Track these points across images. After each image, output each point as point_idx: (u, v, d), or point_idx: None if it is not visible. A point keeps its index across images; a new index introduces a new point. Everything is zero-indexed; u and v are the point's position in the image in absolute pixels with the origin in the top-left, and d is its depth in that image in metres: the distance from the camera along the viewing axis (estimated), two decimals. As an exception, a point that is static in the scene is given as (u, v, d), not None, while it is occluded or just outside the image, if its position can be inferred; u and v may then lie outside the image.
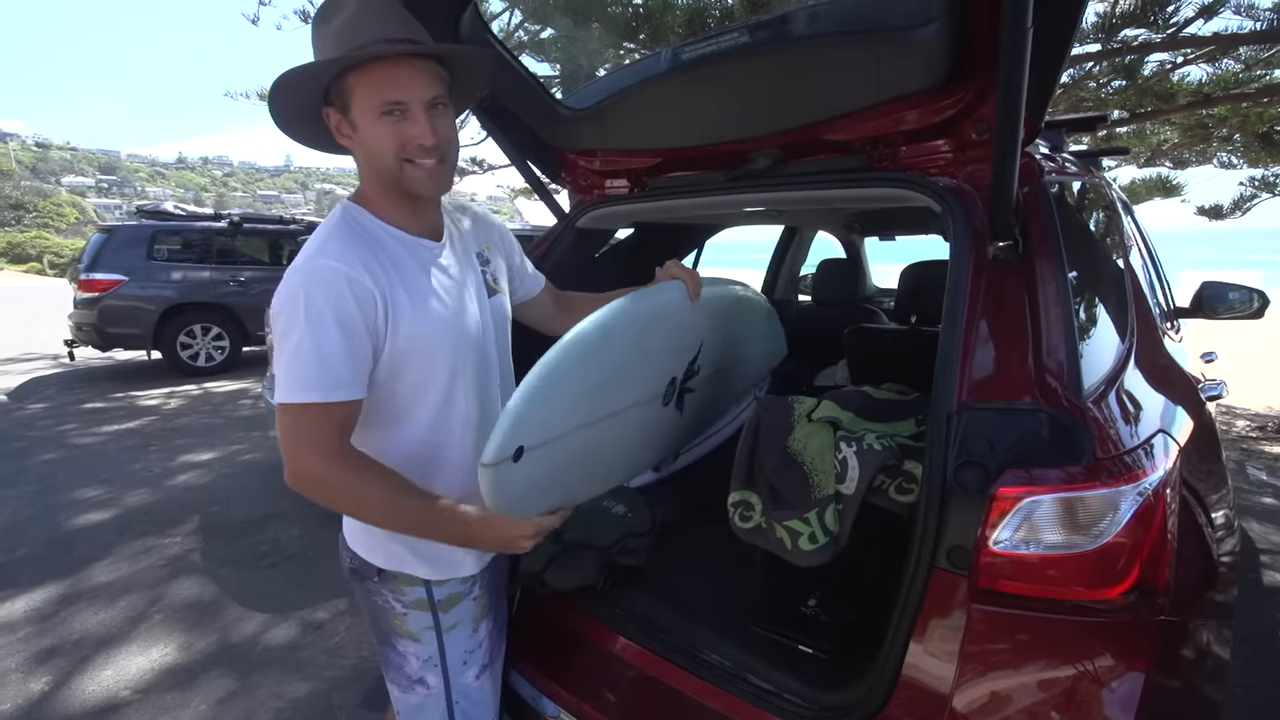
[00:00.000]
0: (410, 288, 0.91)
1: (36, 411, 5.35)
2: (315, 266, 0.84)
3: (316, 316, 0.82)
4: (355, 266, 0.85)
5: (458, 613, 1.05)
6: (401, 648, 1.05)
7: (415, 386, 0.94)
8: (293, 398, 0.83)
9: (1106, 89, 5.79)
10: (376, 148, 0.88)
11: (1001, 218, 1.00)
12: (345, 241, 0.87)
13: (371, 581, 1.03)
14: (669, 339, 1.17)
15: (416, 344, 0.91)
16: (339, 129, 0.91)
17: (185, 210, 6.95)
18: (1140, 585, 0.77)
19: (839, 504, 1.05)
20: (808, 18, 1.24)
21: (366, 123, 0.87)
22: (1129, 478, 0.77)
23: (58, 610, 2.50)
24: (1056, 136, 1.61)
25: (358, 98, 0.86)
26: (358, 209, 0.94)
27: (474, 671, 1.09)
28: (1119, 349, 1.04)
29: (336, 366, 0.83)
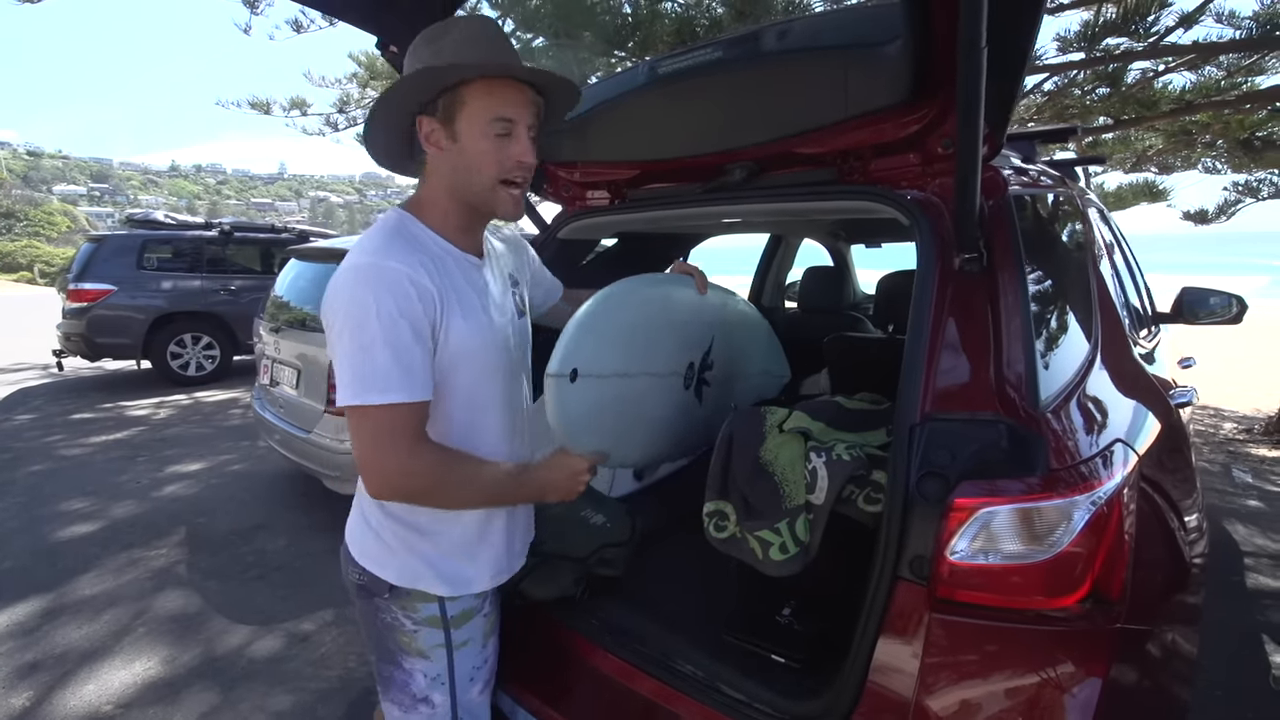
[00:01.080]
0: (461, 298, 0.93)
1: (24, 423, 5.31)
2: (382, 269, 0.84)
3: (389, 318, 0.82)
4: (418, 270, 0.86)
5: (469, 629, 1.04)
6: (408, 665, 1.03)
7: (457, 393, 0.95)
8: (373, 399, 0.82)
9: (1091, 97, 5.87)
10: (478, 161, 0.90)
11: (965, 230, 1.02)
12: (404, 247, 0.88)
13: (381, 598, 1.01)
14: (687, 321, 1.39)
15: (464, 352, 0.93)
16: (431, 137, 0.91)
17: (175, 219, 6.94)
18: (1094, 594, 0.79)
19: (809, 514, 1.06)
20: (779, 34, 1.26)
21: (473, 135, 0.89)
22: (1082, 487, 0.79)
23: (41, 624, 2.49)
24: (1028, 148, 1.64)
25: (469, 109, 0.88)
26: (411, 219, 0.94)
27: (478, 688, 1.09)
28: (1082, 358, 1.06)
29: (413, 367, 0.84)
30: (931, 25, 0.96)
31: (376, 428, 0.83)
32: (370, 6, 1.38)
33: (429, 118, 0.91)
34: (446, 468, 0.89)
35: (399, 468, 0.85)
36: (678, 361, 1.37)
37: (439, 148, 0.92)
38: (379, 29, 1.43)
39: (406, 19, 1.44)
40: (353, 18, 1.42)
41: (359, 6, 1.37)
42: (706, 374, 1.47)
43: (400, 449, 0.84)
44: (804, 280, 2.83)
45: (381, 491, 0.88)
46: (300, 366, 3.28)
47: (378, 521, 1.01)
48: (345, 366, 0.83)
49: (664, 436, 1.37)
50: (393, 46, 1.47)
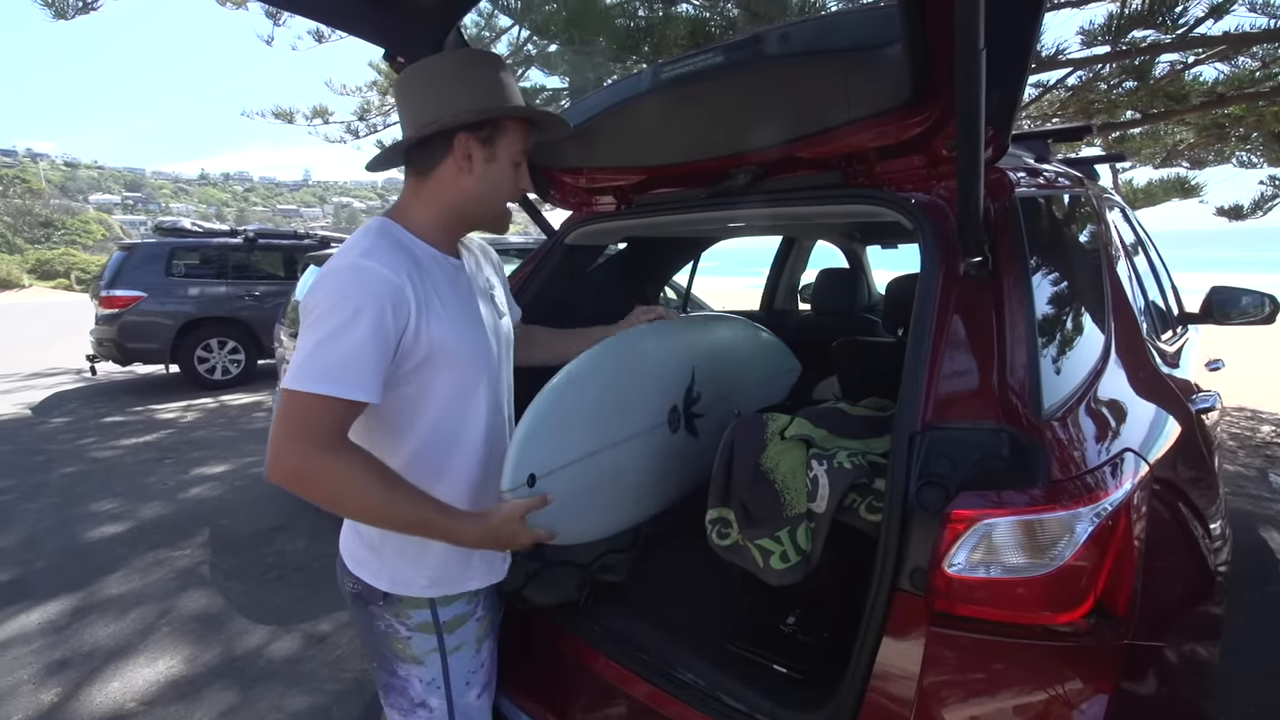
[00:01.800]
0: (443, 299, 0.96)
1: (58, 425, 5.50)
2: (359, 268, 0.86)
3: (352, 315, 0.84)
4: (399, 273, 0.88)
5: (462, 634, 1.06)
6: (404, 672, 1.05)
7: (438, 397, 0.97)
8: (305, 386, 0.82)
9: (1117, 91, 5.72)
10: (503, 185, 1.01)
11: (969, 234, 1.00)
12: (388, 249, 0.91)
13: (375, 606, 1.03)
14: (659, 368, 1.37)
15: (444, 352, 0.95)
16: (467, 151, 0.96)
17: (202, 227, 7.12)
18: (1099, 609, 0.76)
19: (811, 523, 1.05)
20: (780, 38, 1.25)
21: (505, 162, 0.99)
22: (1086, 499, 0.77)
23: (70, 622, 2.57)
24: (1041, 147, 1.60)
25: (508, 140, 0.99)
26: (394, 225, 0.97)
27: (475, 691, 1.10)
28: (1091, 364, 1.03)
29: (358, 366, 0.84)
30: (929, 27, 0.94)
31: (302, 414, 0.83)
32: (377, 19, 1.40)
33: (472, 135, 0.96)
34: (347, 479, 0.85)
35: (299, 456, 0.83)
36: (658, 411, 1.34)
37: (469, 163, 0.97)
38: (386, 41, 1.45)
39: (413, 31, 1.46)
40: (360, 31, 1.44)
41: (366, 20, 1.39)
42: (695, 408, 1.45)
43: (311, 440, 0.83)
44: (817, 282, 2.80)
45: (275, 475, 0.85)
46: (319, 371, 3.34)
47: (368, 529, 1.03)
48: (302, 353, 0.84)
49: (657, 487, 1.36)
50: (400, 57, 1.49)
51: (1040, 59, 4.92)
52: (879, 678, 0.84)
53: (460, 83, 0.95)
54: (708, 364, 1.49)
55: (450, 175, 0.98)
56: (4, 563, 3.06)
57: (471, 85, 0.96)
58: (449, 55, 1.04)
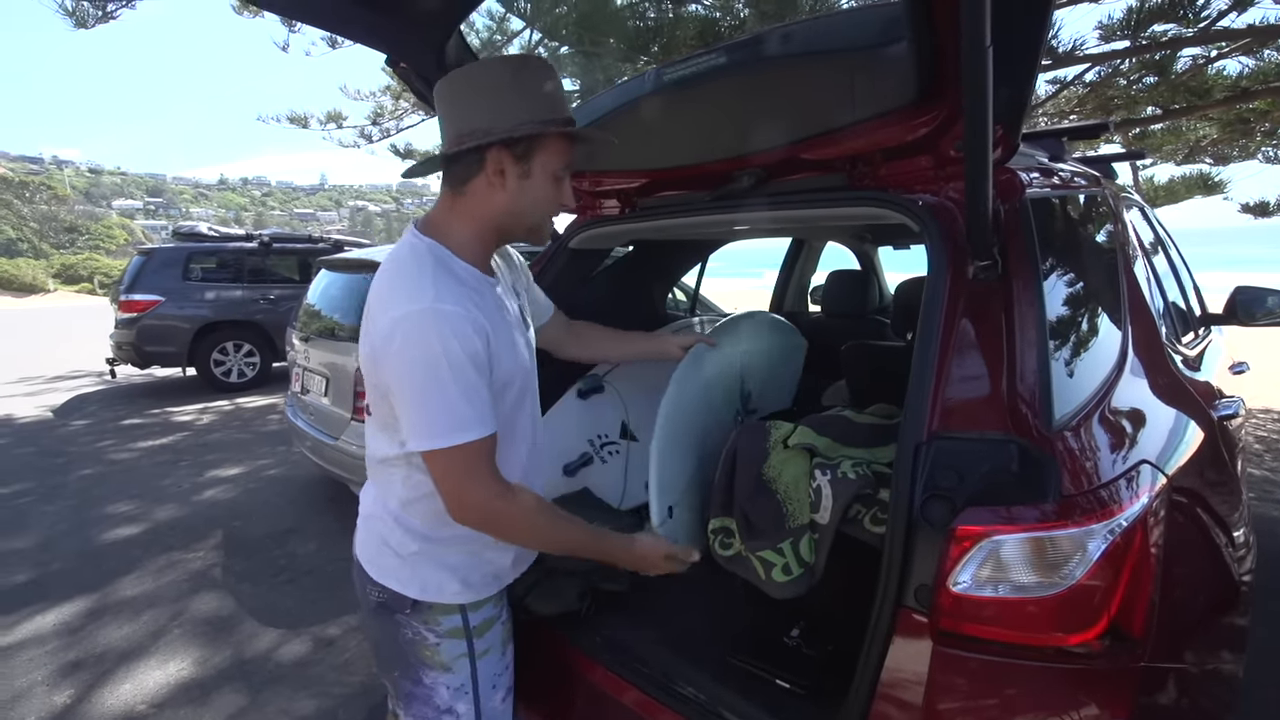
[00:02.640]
0: (498, 323, 0.96)
1: (78, 428, 5.59)
2: (442, 314, 0.87)
3: (458, 361, 0.86)
4: (471, 310, 0.90)
5: (490, 638, 1.08)
6: (430, 680, 1.04)
7: (506, 415, 0.99)
8: (457, 440, 0.87)
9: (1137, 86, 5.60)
10: (542, 201, 0.98)
11: (978, 236, 0.96)
12: (452, 286, 0.91)
13: (403, 614, 1.03)
14: (719, 384, 1.53)
15: (506, 377, 0.97)
16: (500, 167, 0.94)
17: (218, 232, 7.22)
18: (1113, 630, 0.73)
19: (814, 534, 1.02)
20: (782, 38, 1.22)
21: (543, 178, 0.97)
22: (1100, 515, 0.73)
23: (85, 624, 2.60)
24: (1055, 146, 1.56)
25: (546, 155, 0.96)
26: (442, 249, 0.96)
27: (501, 694, 1.11)
28: (1106, 371, 0.99)
29: (480, 406, 0.89)
30: (935, 24, 0.91)
31: (462, 465, 0.88)
32: (377, 25, 1.39)
33: (506, 151, 0.93)
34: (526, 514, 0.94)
35: (481, 503, 0.90)
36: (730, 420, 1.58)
37: (501, 178, 0.94)
38: (386, 46, 1.44)
39: (413, 36, 1.45)
40: (360, 36, 1.43)
41: (366, 25, 1.39)
42: (750, 405, 1.66)
43: (485, 485, 0.90)
44: (827, 284, 2.76)
45: (469, 517, 0.92)
46: (329, 375, 3.36)
47: (398, 539, 1.02)
48: (422, 413, 0.87)
49: None
50: (402, 63, 1.49)
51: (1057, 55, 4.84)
52: (883, 698, 0.81)
53: (496, 95, 0.92)
54: (747, 362, 1.65)
55: (483, 191, 0.96)
56: (22, 564, 3.10)
57: (508, 98, 0.92)
58: (489, 63, 1.00)
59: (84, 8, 5.13)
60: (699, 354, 1.41)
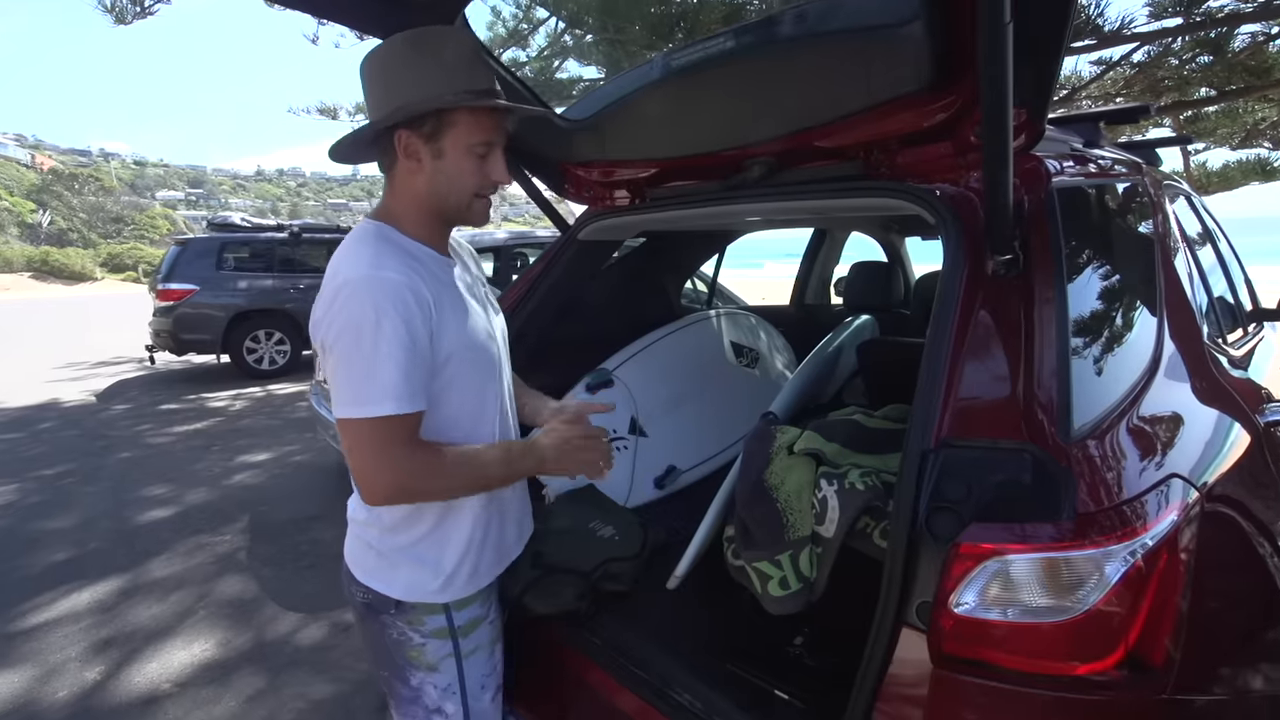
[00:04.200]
0: (450, 299, 0.94)
1: (119, 412, 5.81)
2: (379, 280, 0.85)
3: (391, 330, 0.83)
4: (412, 278, 0.87)
5: (476, 637, 1.05)
6: (416, 681, 1.04)
7: (455, 393, 0.96)
8: (373, 411, 0.83)
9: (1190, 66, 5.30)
10: (460, 179, 0.93)
11: (997, 229, 0.90)
12: (393, 255, 0.89)
13: (387, 615, 1.02)
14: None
15: (459, 352, 0.94)
16: (409, 150, 0.91)
17: (251, 222, 7.39)
18: (1132, 659, 0.67)
19: (817, 547, 0.97)
20: (793, 19, 1.16)
21: (457, 155, 0.92)
22: (1120, 535, 0.67)
23: (117, 603, 2.69)
24: (1092, 131, 1.46)
25: (457, 131, 0.90)
26: (388, 228, 0.95)
27: (490, 695, 1.10)
28: (1136, 375, 0.92)
29: (412, 378, 0.85)
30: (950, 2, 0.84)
31: (374, 438, 0.84)
32: (381, 14, 1.37)
33: (412, 133, 0.90)
34: (439, 465, 0.89)
35: (394, 475, 0.86)
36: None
37: (417, 161, 0.92)
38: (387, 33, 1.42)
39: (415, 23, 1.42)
40: (366, 26, 1.42)
41: (368, 13, 1.37)
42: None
43: (399, 457, 0.85)
44: (850, 276, 2.68)
45: (377, 499, 0.89)
46: (350, 364, 3.40)
47: (378, 539, 1.01)
48: (345, 379, 0.84)
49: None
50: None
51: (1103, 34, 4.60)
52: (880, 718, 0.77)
53: (393, 74, 0.89)
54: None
55: (405, 175, 0.94)
56: (62, 543, 3.24)
57: (404, 76, 0.89)
58: (395, 40, 0.93)
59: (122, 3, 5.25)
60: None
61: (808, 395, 1.58)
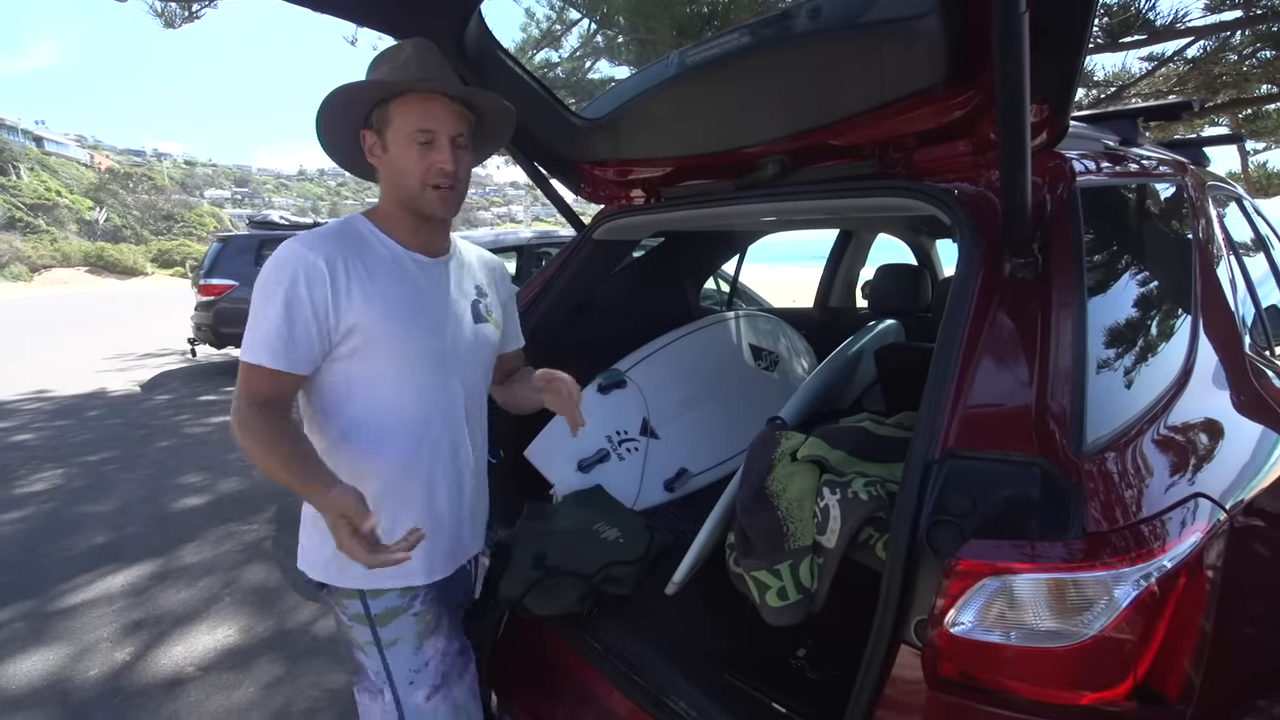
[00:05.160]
0: (380, 284, 0.99)
1: (161, 402, 6.03)
2: (283, 249, 0.96)
3: (282, 295, 0.92)
4: (317, 252, 0.94)
5: (396, 628, 1.06)
6: (360, 659, 1.10)
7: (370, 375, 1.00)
8: (243, 356, 0.95)
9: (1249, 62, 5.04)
10: (404, 168, 0.99)
11: (1015, 230, 0.86)
12: (327, 233, 0.99)
13: (323, 594, 1.09)
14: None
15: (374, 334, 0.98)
16: (372, 149, 1.02)
17: (288, 220, 7.61)
18: (1143, 690, 0.63)
19: (819, 558, 0.94)
20: (809, 13, 1.13)
21: (399, 146, 0.99)
22: (1134, 557, 0.63)
23: (149, 586, 2.79)
24: (1129, 128, 1.39)
25: (395, 122, 0.98)
26: (359, 218, 1.05)
27: (423, 693, 1.08)
28: (1163, 387, 0.86)
29: (277, 339, 0.93)
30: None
31: (243, 380, 0.94)
32: (397, 14, 1.39)
33: (370, 131, 1.01)
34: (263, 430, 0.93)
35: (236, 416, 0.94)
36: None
37: (375, 157, 1.02)
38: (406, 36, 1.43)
39: (433, 27, 1.43)
40: (381, 25, 1.43)
41: (386, 14, 1.38)
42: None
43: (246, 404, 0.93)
44: (875, 279, 2.61)
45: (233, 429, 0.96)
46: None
47: (308, 519, 1.08)
48: (247, 329, 0.95)
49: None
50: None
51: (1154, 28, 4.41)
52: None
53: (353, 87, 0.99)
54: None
55: (381, 174, 1.04)
56: (102, 527, 3.37)
57: (363, 86, 0.98)
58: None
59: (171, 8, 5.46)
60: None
61: (822, 400, 1.54)
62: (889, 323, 2.08)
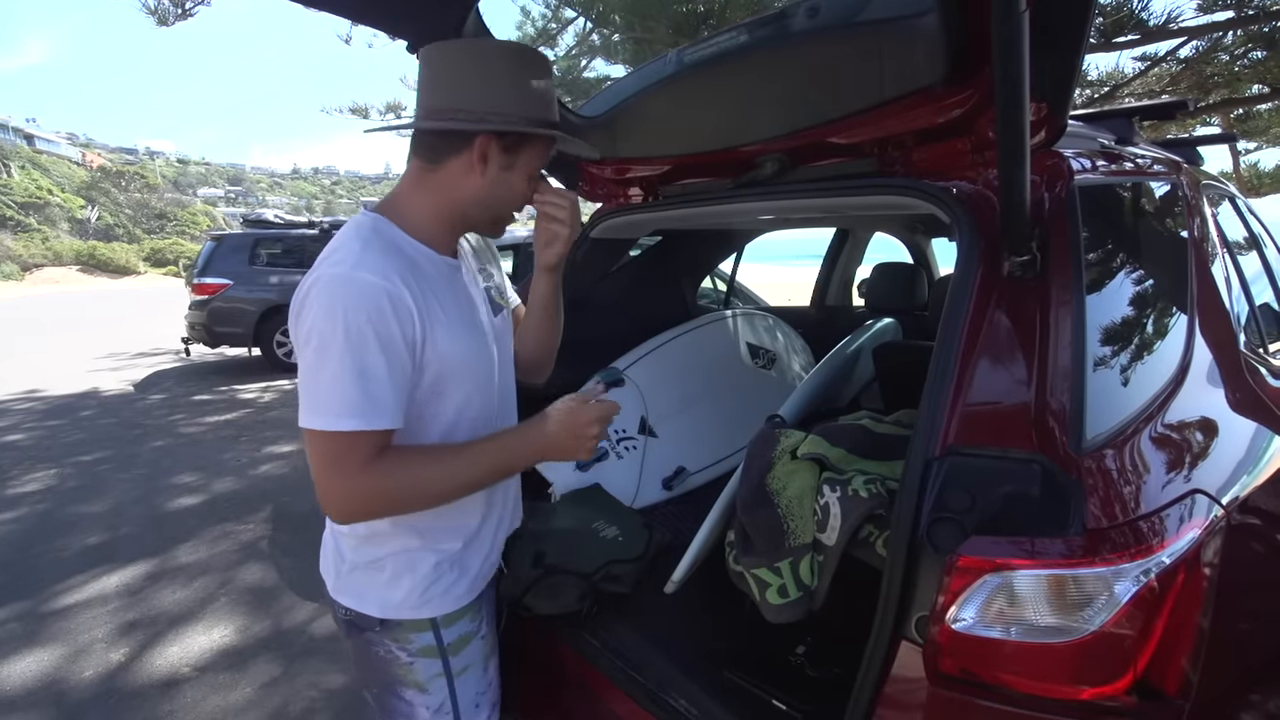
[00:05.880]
0: (444, 305, 0.89)
1: (155, 402, 6.00)
2: (354, 281, 0.79)
3: (359, 337, 0.77)
4: (395, 282, 0.81)
5: (468, 654, 1.00)
6: (409, 697, 0.98)
7: (447, 403, 0.92)
8: (331, 425, 0.77)
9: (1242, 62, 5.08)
10: (514, 195, 0.95)
11: (1013, 229, 0.86)
12: (381, 255, 0.83)
13: (373, 632, 0.96)
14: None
15: (451, 363, 0.89)
16: (486, 155, 0.89)
17: (283, 219, 7.57)
18: (1143, 685, 0.63)
19: (819, 555, 0.94)
20: (808, 11, 1.13)
21: (520, 176, 0.94)
22: (1133, 553, 0.63)
23: (144, 586, 2.78)
24: (1125, 127, 1.40)
25: (529, 154, 0.93)
26: (387, 223, 0.89)
27: (485, 713, 1.05)
28: (1160, 385, 0.87)
29: (378, 393, 0.79)
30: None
31: (330, 453, 0.79)
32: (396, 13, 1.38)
33: (496, 141, 0.89)
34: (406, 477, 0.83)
35: (351, 492, 0.80)
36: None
37: (483, 164, 0.89)
38: (404, 33, 1.43)
39: (431, 25, 1.43)
40: (381, 24, 1.43)
41: (386, 11, 1.38)
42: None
43: (351, 474, 0.79)
44: (872, 278, 2.62)
45: (339, 517, 0.84)
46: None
47: (352, 550, 0.96)
48: (309, 385, 0.79)
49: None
50: (423, 49, 1.47)
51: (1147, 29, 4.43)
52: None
53: (494, 81, 0.88)
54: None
55: (459, 171, 0.90)
56: (96, 527, 3.35)
57: (504, 86, 0.88)
58: (487, 44, 1.00)
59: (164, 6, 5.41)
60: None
61: (820, 399, 1.54)
62: (887, 321, 2.09)
